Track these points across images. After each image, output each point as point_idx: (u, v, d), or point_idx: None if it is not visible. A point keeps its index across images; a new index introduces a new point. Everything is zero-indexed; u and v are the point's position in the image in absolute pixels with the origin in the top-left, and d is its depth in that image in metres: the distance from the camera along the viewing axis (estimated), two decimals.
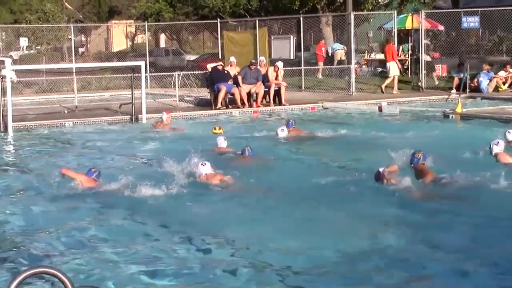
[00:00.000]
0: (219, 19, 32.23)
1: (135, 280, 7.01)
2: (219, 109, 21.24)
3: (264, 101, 22.36)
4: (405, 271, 7.07)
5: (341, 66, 29.11)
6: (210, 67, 22.48)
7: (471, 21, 26.20)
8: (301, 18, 28.76)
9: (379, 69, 30.85)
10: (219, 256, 7.68)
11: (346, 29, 27.30)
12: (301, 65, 28.16)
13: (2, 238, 8.54)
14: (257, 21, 29.20)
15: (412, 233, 8.34)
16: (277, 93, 22.24)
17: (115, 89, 29.07)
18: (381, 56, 32.34)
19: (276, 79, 22.15)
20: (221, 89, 21.32)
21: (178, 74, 25.45)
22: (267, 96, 22.31)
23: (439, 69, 28.46)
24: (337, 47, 31.81)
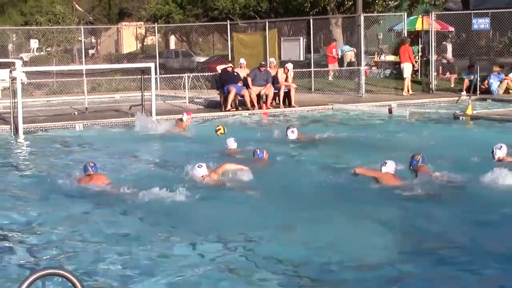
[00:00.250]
0: (229, 21, 32.25)
1: (139, 280, 7.04)
2: (229, 110, 21.24)
3: (273, 103, 22.33)
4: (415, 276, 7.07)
5: (351, 68, 29.07)
6: (220, 69, 22.49)
7: (481, 23, 26.14)
8: (311, 19, 28.73)
9: (388, 71, 30.81)
10: (222, 256, 7.69)
11: (356, 30, 27.24)
12: (311, 67, 28.14)
13: (12, 239, 8.56)
14: (267, 22, 29.19)
15: (419, 235, 8.33)
16: (287, 95, 22.22)
17: (125, 91, 29.10)
18: (391, 57, 32.30)
19: (286, 80, 22.13)
20: (230, 91, 21.31)
21: (188, 75, 25.46)
22: (277, 98, 22.29)
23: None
24: (346, 49, 31.79)
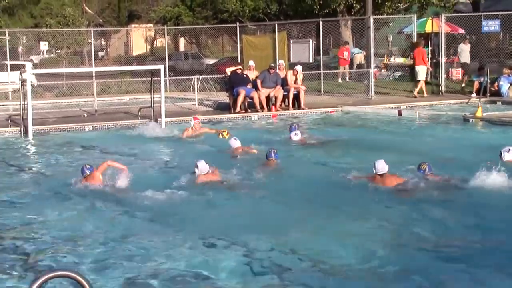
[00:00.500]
0: (238, 23, 32.25)
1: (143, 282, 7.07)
2: (238, 113, 21.24)
3: (283, 105, 22.33)
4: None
5: (360, 70, 29.04)
6: (229, 71, 22.49)
7: (491, 25, 26.08)
8: (321, 22, 28.72)
9: (398, 73, 30.74)
10: (224, 257, 7.69)
11: (365, 33, 27.22)
12: (320, 69, 28.13)
13: (21, 240, 8.58)
14: (276, 25, 29.20)
15: (424, 236, 8.32)
16: (296, 97, 22.21)
17: (134, 93, 29.19)
18: (400, 60, 32.22)
19: (295, 83, 22.12)
20: (240, 93, 21.32)
21: (197, 78, 25.49)
22: (286, 100, 22.28)
23: (458, 73, 28.31)
24: (356, 51, 31.76)
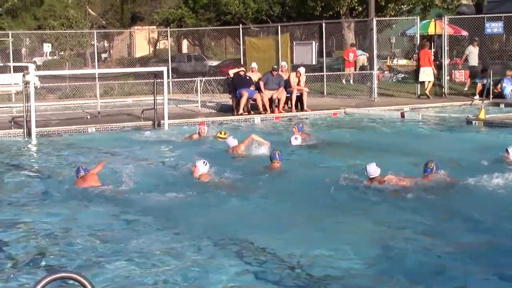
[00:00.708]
0: (241, 25, 32.26)
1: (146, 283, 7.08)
2: (241, 114, 21.24)
3: (286, 107, 22.32)
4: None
5: (363, 72, 29.03)
6: (232, 72, 22.50)
7: (494, 27, 26.05)
8: (323, 24, 28.72)
9: (401, 75, 30.75)
10: (226, 258, 7.70)
11: (368, 34, 27.21)
12: (323, 71, 28.12)
13: (23, 241, 8.59)
14: (279, 26, 29.19)
15: (431, 240, 8.31)
16: (299, 98, 22.21)
17: (137, 95, 29.19)
18: (403, 62, 32.25)
19: (298, 84, 22.11)
20: (243, 95, 21.32)
21: (200, 79, 25.48)
22: (289, 101, 22.27)
23: (461, 75, 28.31)
24: (359, 53, 31.76)
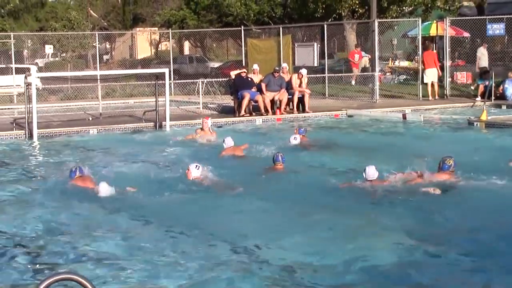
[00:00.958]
0: (243, 27, 32.28)
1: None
2: (243, 116, 21.25)
3: (287, 109, 22.32)
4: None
5: (365, 73, 29.04)
6: (233, 74, 22.51)
7: (496, 28, 26.06)
8: (325, 25, 28.72)
9: (403, 77, 30.76)
10: (228, 259, 7.71)
11: (370, 36, 27.21)
12: (325, 73, 28.14)
13: (25, 242, 8.59)
14: (281, 28, 29.21)
15: (430, 236, 8.31)
16: (301, 100, 22.20)
17: (139, 96, 29.19)
18: (405, 63, 32.23)
19: (299, 86, 22.11)
20: (244, 96, 21.32)
21: (202, 81, 25.47)
22: (291, 103, 22.28)
23: (463, 77, 28.31)
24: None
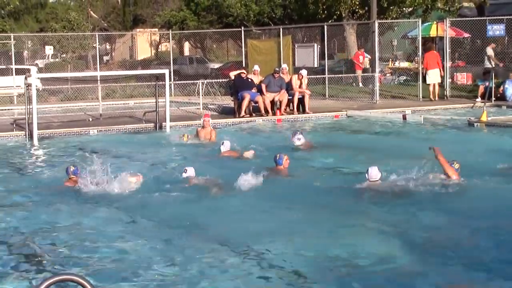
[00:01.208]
0: (243, 27, 32.27)
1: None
2: (243, 117, 21.24)
3: (287, 109, 22.31)
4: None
5: (365, 74, 29.03)
6: (232, 74, 22.50)
7: (496, 29, 26.06)
8: (325, 26, 28.72)
9: (403, 77, 30.76)
10: (230, 261, 7.72)
11: (370, 37, 27.21)
12: (325, 73, 28.14)
13: (26, 243, 8.59)
14: (281, 29, 29.20)
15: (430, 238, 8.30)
16: (301, 101, 22.20)
17: (139, 97, 29.19)
18: (405, 64, 32.22)
19: (300, 87, 22.11)
20: (245, 97, 21.32)
21: (202, 82, 25.47)
22: (291, 104, 22.27)
23: (463, 78, 28.30)
24: None
